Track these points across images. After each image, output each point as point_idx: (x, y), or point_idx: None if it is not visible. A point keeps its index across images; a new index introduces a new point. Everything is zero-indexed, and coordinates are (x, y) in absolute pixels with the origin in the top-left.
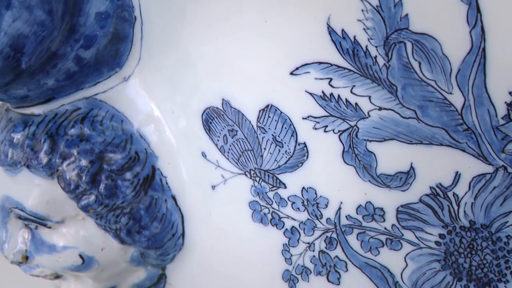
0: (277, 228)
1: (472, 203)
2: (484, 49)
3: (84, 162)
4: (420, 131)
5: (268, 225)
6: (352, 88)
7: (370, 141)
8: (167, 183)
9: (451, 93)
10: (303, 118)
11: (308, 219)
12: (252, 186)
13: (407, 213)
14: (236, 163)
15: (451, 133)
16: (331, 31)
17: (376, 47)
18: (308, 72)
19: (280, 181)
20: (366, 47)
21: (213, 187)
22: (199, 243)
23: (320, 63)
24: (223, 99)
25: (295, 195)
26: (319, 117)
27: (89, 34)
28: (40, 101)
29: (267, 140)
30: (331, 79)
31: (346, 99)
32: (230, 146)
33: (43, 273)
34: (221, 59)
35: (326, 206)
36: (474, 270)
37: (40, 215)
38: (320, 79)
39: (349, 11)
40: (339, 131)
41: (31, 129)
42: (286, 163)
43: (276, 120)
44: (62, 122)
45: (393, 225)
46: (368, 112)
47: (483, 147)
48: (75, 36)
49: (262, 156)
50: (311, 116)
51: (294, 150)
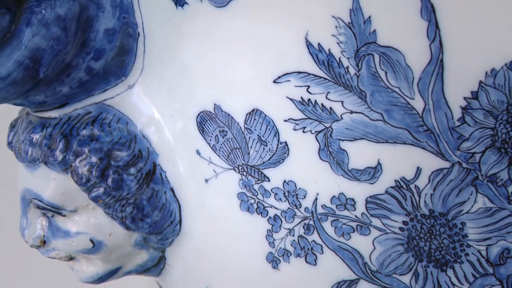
0: (261, 216)
1: (431, 194)
2: (442, 60)
3: (94, 159)
4: (386, 131)
5: (254, 213)
6: (327, 94)
7: (343, 140)
8: (166, 177)
9: (413, 98)
10: (284, 121)
11: (288, 208)
12: (240, 179)
13: (375, 203)
14: (226, 160)
15: (413, 133)
16: (308, 44)
17: (348, 58)
18: (289, 80)
19: (265, 175)
20: (339, 58)
21: (206, 181)
22: (194, 229)
23: (299, 72)
24: (214, 104)
25: (277, 187)
26: (298, 119)
27: (98, 47)
28: (55, 106)
29: (253, 140)
30: (308, 87)
31: (322, 104)
32: (221, 145)
33: (58, 255)
34: (213, 70)
35: (304, 197)
36: (433, 252)
37: (56, 205)
38: (299, 86)
39: (324, 27)
40: (315, 131)
41: (48, 130)
42: (269, 159)
43: (261, 122)
44: (75, 124)
45: (362, 213)
46: (341, 115)
47: (441, 146)
48: (86, 49)
49: (249, 153)
50: (291, 118)
51: (277, 148)
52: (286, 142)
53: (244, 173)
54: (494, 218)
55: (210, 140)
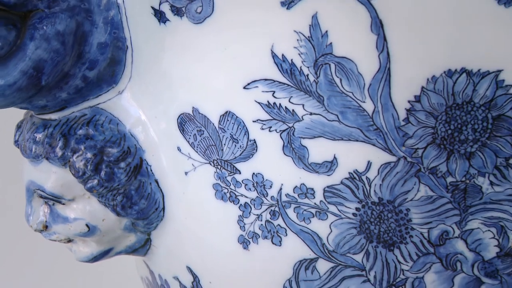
0: (234, 203)
1: (380, 184)
2: (389, 68)
3: (89, 155)
4: (341, 130)
5: (227, 201)
6: (290, 99)
7: (303, 138)
8: (151, 170)
9: (364, 101)
10: (253, 121)
11: (257, 196)
12: (215, 172)
13: (331, 192)
14: (203, 155)
15: (364, 132)
16: (274, 55)
17: (308, 67)
18: (257, 86)
19: (236, 168)
20: (300, 67)
21: (186, 173)
22: (175, 215)
23: (266, 79)
24: (193, 107)
25: (247, 179)
26: (265, 120)
27: (92, 59)
28: (55, 109)
29: (226, 138)
30: (274, 92)
31: (286, 107)
32: (199, 142)
33: (58, 238)
34: (191, 77)
35: (271, 187)
36: (382, 234)
37: (56, 194)
38: (266, 91)
39: (287, 41)
40: (280, 130)
41: (49, 130)
42: (240, 155)
43: (233, 123)
44: (72, 125)
45: (321, 201)
46: (302, 116)
47: (388, 142)
48: (82, 60)
49: (222, 149)
50: (259, 119)
51: (247, 145)
52: (254, 140)
53: (219, 166)
54: (434, 205)
55: (189, 138)
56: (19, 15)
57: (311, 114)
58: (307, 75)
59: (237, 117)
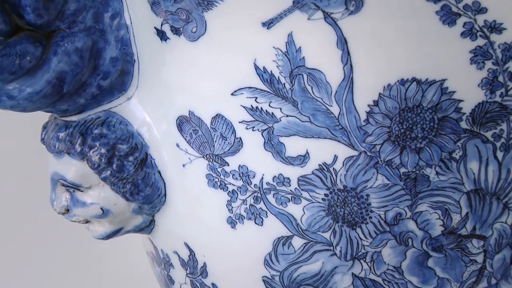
0: (223, 190)
1: (344, 174)
2: (352, 78)
3: (103, 150)
4: (312, 129)
5: (217, 188)
6: (269, 103)
7: (281, 136)
8: (155, 163)
9: (331, 105)
10: (239, 122)
11: (242, 185)
12: (207, 164)
13: (304, 180)
14: (198, 150)
15: (331, 131)
16: (256, 67)
17: (284, 77)
18: (242, 93)
19: (225, 161)
20: (278, 77)
21: (183, 165)
22: (175, 200)
23: (250, 87)
24: (189, 111)
25: (235, 170)
26: (249, 121)
27: (106, 70)
28: (75, 112)
29: (217, 136)
30: (256, 98)
31: (266, 110)
32: (194, 140)
33: (78, 219)
34: (187, 86)
35: (254, 176)
36: (346, 216)
37: (76, 183)
38: (250, 97)
39: (268, 55)
40: (261, 130)
41: (70, 130)
42: (229, 150)
43: (222, 124)
44: (89, 126)
45: (295, 188)
46: (279, 118)
47: (351, 139)
48: (97, 71)
49: (214, 146)
50: (244, 120)
51: (234, 142)
52: (240, 138)
53: (211, 160)
54: (390, 191)
55: (186, 136)
56: (44, 34)
57: (287, 116)
58: (284, 84)
59: (226, 118)
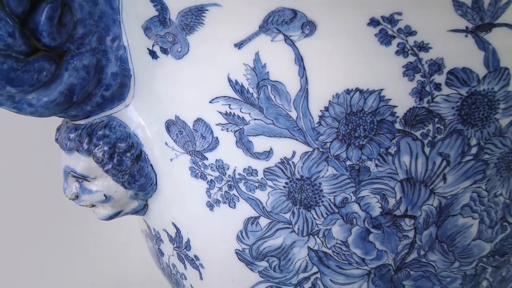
0: (203, 180)
1: (301, 166)
2: (307, 88)
3: (105, 148)
4: (275, 130)
5: (199, 179)
6: (240, 109)
7: (250, 136)
8: (148, 158)
9: (290, 111)
10: (216, 124)
11: (219, 175)
12: (190, 159)
13: (269, 171)
14: (182, 148)
15: (291, 131)
16: (230, 80)
17: (252, 88)
18: (218, 101)
19: (205, 156)
20: (248, 88)
21: (171, 160)
22: (164, 188)
23: (224, 96)
24: (175, 115)
25: (212, 163)
26: (224, 123)
27: (108, 83)
28: (83, 117)
29: (198, 136)
30: (230, 105)
31: (238, 115)
32: (179, 139)
33: (85, 204)
34: (174, 96)
35: (228, 169)
36: (303, 200)
37: (83, 174)
38: (225, 104)
39: (239, 70)
40: (234, 131)
41: (78, 131)
42: (207, 147)
43: (202, 126)
44: (94, 128)
45: (261, 178)
46: (249, 121)
47: (307, 138)
48: (100, 84)
49: (195, 144)
50: (220, 123)
51: (212, 141)
52: (217, 137)
53: (193, 155)
54: (338, 180)
55: (173, 136)
56: (57, 54)
57: (255, 119)
58: (252, 93)
59: (205, 122)
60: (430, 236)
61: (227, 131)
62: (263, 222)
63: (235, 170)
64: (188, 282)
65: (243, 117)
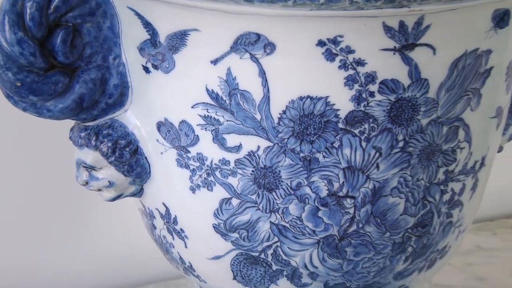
0: (187, 169)
1: (264, 157)
2: (269, 96)
3: (109, 144)
4: (244, 129)
5: (183, 168)
6: (216, 113)
7: (223, 134)
8: (143, 152)
9: (255, 114)
10: (197, 125)
11: (199, 165)
12: (177, 152)
13: (239, 162)
14: (170, 143)
15: (256, 130)
16: (207, 90)
17: (225, 96)
18: (199, 106)
19: (188, 150)
20: (222, 96)
21: (161, 153)
22: (156, 175)
23: (203, 103)
24: (164, 118)
25: (194, 156)
26: (203, 124)
27: (110, 93)
28: (91, 120)
29: (183, 134)
30: (208, 109)
31: (214, 117)
32: (168, 136)
33: (93, 189)
34: (163, 102)
35: (206, 160)
36: (266, 184)
37: (92, 165)
38: (203, 109)
39: (215, 82)
40: (211, 130)
41: (88, 131)
42: (190, 143)
43: (186, 126)
44: (100, 128)
45: (233, 167)
46: (222, 122)
47: (269, 136)
48: (105, 93)
49: (180, 140)
50: (200, 124)
51: (193, 138)
52: (198, 135)
53: (179, 149)
54: (293, 169)
55: (162, 134)
56: (70, 69)
57: (227, 121)
58: (225, 100)
59: (188, 123)
60: (367, 212)
61: (205, 130)
62: (235, 202)
63: (212, 161)
64: (176, 250)
65: (218, 119)
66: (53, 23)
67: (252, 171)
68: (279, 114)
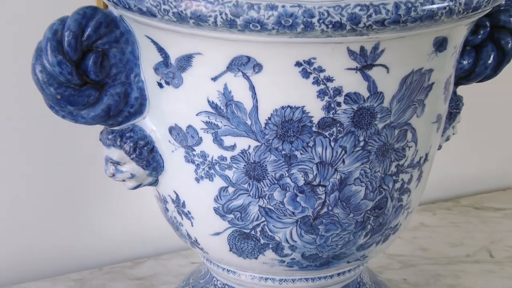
0: (193, 164)
1: (254, 154)
2: (257, 106)
3: (131, 144)
4: (237, 132)
5: (190, 163)
6: (215, 119)
7: (222, 136)
8: (158, 150)
9: (247, 120)
10: (201, 129)
11: (202, 160)
12: (185, 150)
13: (234, 158)
14: (179, 143)
15: (247, 133)
16: (208, 101)
17: (223, 106)
18: (202, 114)
19: (194, 149)
20: (220, 106)
21: (172, 151)
22: (168, 169)
23: (206, 111)
24: (175, 123)
25: (198, 153)
26: (205, 128)
27: (132, 104)
28: (116, 125)
29: (189, 136)
30: (209, 116)
31: (214, 123)
32: (177, 138)
33: (119, 180)
34: (174, 111)
35: (208, 156)
36: (255, 175)
37: (117, 161)
38: (206, 116)
39: (214, 95)
40: (211, 132)
41: (114, 134)
42: (195, 143)
43: (192, 130)
44: (124, 131)
45: (229, 162)
46: (221, 127)
47: (257, 137)
48: (127, 104)
49: (187, 141)
50: (202, 128)
51: (198, 139)
52: (201, 137)
53: (186, 148)
54: (277, 163)
55: (173, 136)
56: (100, 85)
57: (224, 125)
58: (223, 109)
59: (193, 127)
60: (335, 198)
61: (207, 133)
62: (231, 190)
63: (212, 157)
64: (184, 228)
65: (217, 124)
66: (86, 48)
67: (244, 165)
68: (266, 120)
